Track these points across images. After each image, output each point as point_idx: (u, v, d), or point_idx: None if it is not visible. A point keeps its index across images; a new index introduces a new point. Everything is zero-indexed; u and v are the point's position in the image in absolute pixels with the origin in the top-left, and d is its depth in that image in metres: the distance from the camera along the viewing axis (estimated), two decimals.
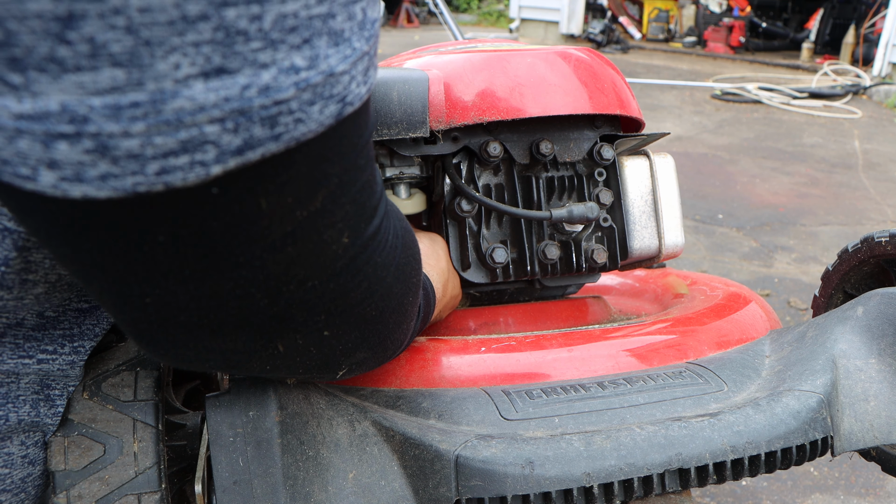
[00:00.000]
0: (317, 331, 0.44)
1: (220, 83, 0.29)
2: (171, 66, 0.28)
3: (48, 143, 0.28)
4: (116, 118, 0.28)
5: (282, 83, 0.31)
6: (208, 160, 0.31)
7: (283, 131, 0.32)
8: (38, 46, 0.27)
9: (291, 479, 0.53)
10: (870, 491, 1.83)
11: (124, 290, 0.37)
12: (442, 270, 0.73)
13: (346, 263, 0.41)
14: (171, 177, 0.30)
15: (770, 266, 3.14)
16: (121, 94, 0.28)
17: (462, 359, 0.64)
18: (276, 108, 0.31)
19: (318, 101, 0.33)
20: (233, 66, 0.29)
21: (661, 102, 6.29)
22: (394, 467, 0.55)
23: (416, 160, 0.80)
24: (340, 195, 0.38)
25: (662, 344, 0.68)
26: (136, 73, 0.28)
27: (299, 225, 0.37)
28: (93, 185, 0.30)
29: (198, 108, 0.29)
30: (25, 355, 0.52)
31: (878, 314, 0.62)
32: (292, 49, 0.31)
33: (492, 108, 0.73)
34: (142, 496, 0.56)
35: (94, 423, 0.57)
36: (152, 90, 0.28)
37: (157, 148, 0.29)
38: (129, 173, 0.30)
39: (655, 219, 0.82)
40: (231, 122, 0.30)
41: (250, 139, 0.31)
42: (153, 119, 0.28)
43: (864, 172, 4.56)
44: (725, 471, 0.53)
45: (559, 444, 0.52)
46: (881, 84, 6.81)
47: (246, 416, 0.54)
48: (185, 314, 0.39)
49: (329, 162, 0.36)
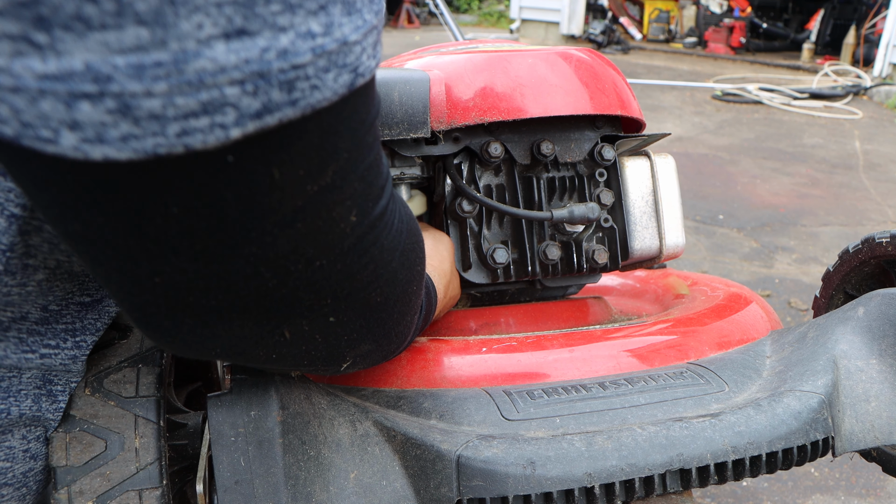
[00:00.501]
0: (322, 316, 0.44)
1: (240, 44, 0.30)
2: (194, 26, 0.28)
3: (70, 104, 0.28)
4: (139, 77, 0.28)
5: (299, 48, 0.31)
6: (228, 123, 0.31)
7: (300, 97, 0.32)
8: (64, 5, 0.27)
9: (293, 479, 0.54)
10: (870, 492, 1.83)
11: (134, 269, 0.37)
12: (444, 272, 0.73)
13: (353, 243, 0.42)
14: (192, 139, 0.30)
15: (771, 267, 3.14)
16: (144, 53, 0.28)
17: (463, 359, 0.64)
18: (294, 73, 0.32)
19: (333, 68, 0.33)
20: (253, 27, 0.30)
21: (661, 103, 6.29)
22: (395, 467, 0.55)
23: (418, 161, 0.80)
24: (349, 171, 0.39)
25: (663, 344, 0.68)
26: (159, 32, 0.28)
27: (309, 200, 0.37)
28: (114, 147, 0.30)
29: (219, 69, 0.29)
30: (28, 350, 0.52)
31: (879, 315, 0.62)
32: (309, 14, 0.32)
33: (493, 109, 0.73)
34: (143, 492, 0.57)
35: (95, 418, 0.57)
36: (175, 50, 0.28)
37: (178, 109, 0.29)
38: (150, 134, 0.30)
39: (656, 219, 0.82)
40: (251, 84, 0.30)
41: (269, 103, 0.31)
42: (175, 79, 0.29)
43: (864, 173, 4.56)
44: (726, 471, 0.54)
45: (560, 445, 0.52)
46: (882, 85, 6.81)
47: (247, 416, 0.54)
48: (194, 296, 0.39)
49: (339, 135, 0.37)
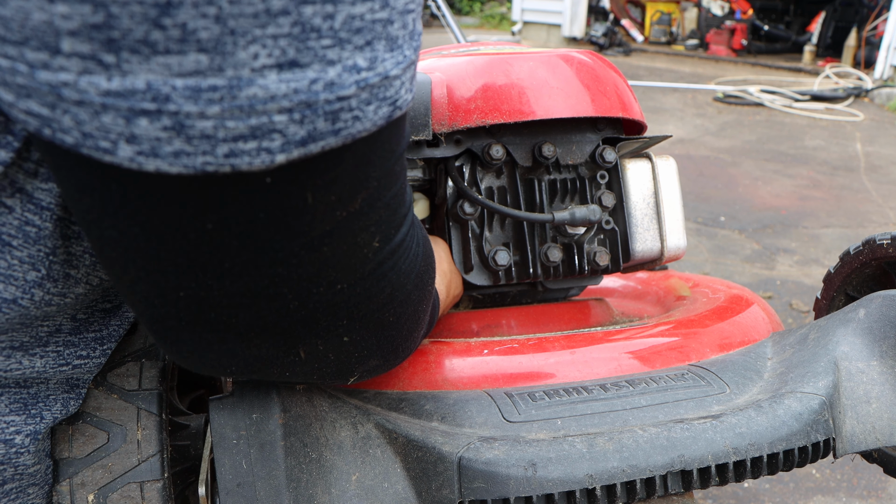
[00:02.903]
0: (337, 336, 0.46)
1: (291, 75, 0.31)
2: (250, 56, 0.30)
3: (130, 119, 0.30)
4: (195, 99, 0.30)
5: (345, 80, 0.33)
6: (274, 148, 0.32)
7: (343, 127, 0.34)
8: (134, 30, 0.28)
9: (295, 482, 0.54)
10: (872, 493, 1.83)
11: (161, 281, 0.38)
12: (444, 272, 0.73)
13: (373, 268, 0.43)
14: (239, 160, 0.32)
15: (772, 268, 3.14)
16: (202, 77, 0.30)
17: (465, 361, 0.64)
18: (339, 104, 0.33)
19: (374, 101, 0.35)
20: (304, 60, 0.31)
21: (663, 105, 6.29)
22: (397, 469, 0.55)
23: (419, 163, 0.80)
24: (377, 199, 0.40)
25: (665, 346, 0.68)
26: (218, 59, 0.30)
27: (338, 225, 0.38)
28: (166, 161, 0.31)
29: (269, 97, 0.31)
30: (64, 362, 0.53)
31: (880, 316, 0.62)
32: (356, 49, 0.33)
33: (494, 111, 0.73)
34: (144, 484, 0.57)
35: (98, 411, 0.58)
36: (230, 76, 0.30)
37: (229, 131, 0.31)
38: (201, 153, 0.31)
39: (657, 221, 0.82)
40: (298, 113, 0.32)
41: (314, 131, 0.33)
42: (228, 103, 0.30)
43: (865, 175, 4.56)
44: (727, 472, 0.54)
45: (562, 446, 0.52)
46: (883, 87, 6.80)
47: (249, 419, 0.54)
48: (216, 312, 0.40)
49: (372, 164, 0.38)
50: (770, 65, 8.38)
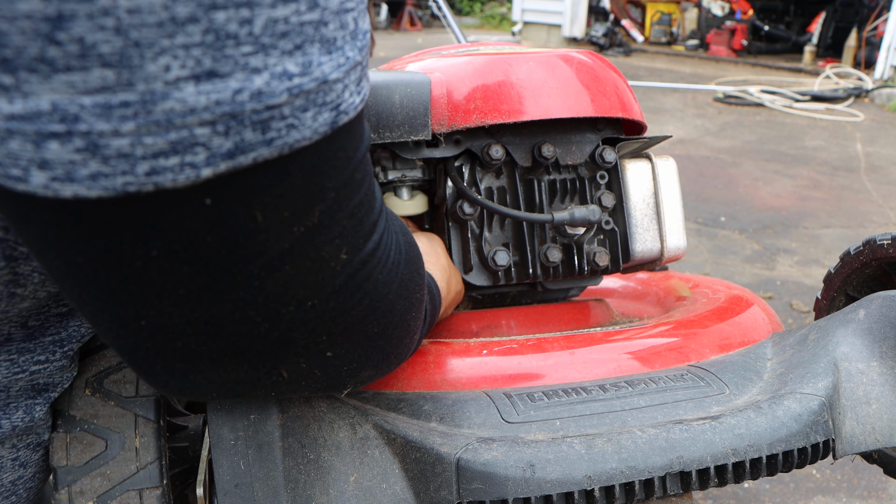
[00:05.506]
0: (319, 353, 0.44)
1: (211, 86, 0.29)
2: (160, 68, 0.28)
3: (39, 143, 0.28)
4: (107, 117, 0.28)
5: (275, 88, 0.31)
6: (198, 162, 0.30)
7: (276, 136, 0.32)
8: (28, 47, 0.27)
9: (293, 483, 0.54)
10: (872, 493, 1.83)
11: (118, 311, 0.36)
12: (443, 267, 0.73)
13: (344, 281, 0.41)
14: (161, 178, 0.30)
15: (772, 269, 3.13)
16: (111, 93, 0.28)
17: (464, 362, 0.64)
18: (268, 113, 0.31)
19: (312, 107, 0.33)
20: (224, 69, 0.29)
21: (663, 105, 6.29)
22: (395, 470, 0.55)
23: (418, 163, 0.80)
24: (337, 210, 0.38)
25: (664, 347, 0.68)
26: (125, 74, 0.28)
27: (297, 241, 0.36)
28: (83, 185, 0.30)
29: (188, 111, 0.29)
30: (20, 370, 0.51)
31: (880, 317, 0.62)
32: (284, 55, 0.31)
33: (494, 111, 0.73)
34: (143, 492, 0.57)
35: (96, 418, 0.58)
36: (142, 91, 0.28)
37: (147, 148, 0.29)
38: (120, 173, 0.30)
39: (657, 221, 0.82)
40: (222, 125, 0.30)
41: (241, 143, 0.31)
42: (143, 119, 0.29)
43: (866, 175, 4.56)
44: (727, 473, 0.53)
45: (560, 447, 0.52)
46: (883, 87, 6.80)
47: (247, 420, 0.54)
48: (183, 340, 0.38)
49: (325, 175, 0.36)
50: (770, 65, 8.38)
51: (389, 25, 11.72)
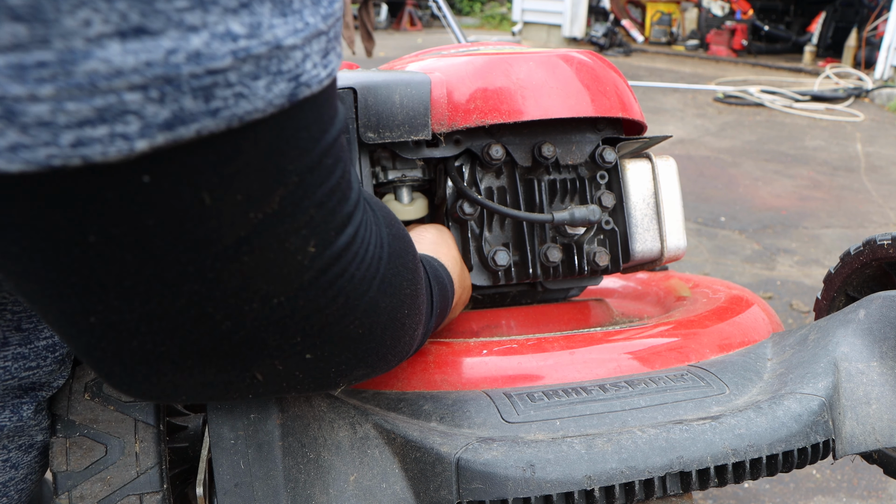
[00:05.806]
0: (297, 354, 0.40)
1: (140, 45, 0.26)
2: (80, 23, 0.25)
3: None
4: (21, 79, 0.25)
5: (216, 50, 0.28)
6: (131, 133, 0.27)
7: (221, 106, 0.28)
8: None
9: (292, 482, 0.54)
10: (872, 493, 1.83)
11: (65, 307, 0.33)
12: (455, 259, 0.70)
13: (314, 276, 0.37)
14: (89, 150, 0.27)
15: (772, 269, 3.13)
16: (24, 52, 0.25)
17: (464, 361, 0.64)
18: (211, 79, 0.28)
19: (264, 75, 0.29)
20: (154, 26, 0.26)
21: (663, 105, 6.29)
22: (395, 470, 0.55)
23: (418, 163, 0.80)
24: (303, 197, 0.34)
25: (664, 347, 0.68)
26: (40, 29, 0.25)
27: (255, 229, 0.33)
28: (3, 158, 0.26)
29: (114, 72, 0.26)
30: (10, 377, 0.51)
31: (880, 317, 0.62)
32: (227, 12, 0.28)
33: (494, 111, 0.73)
34: (143, 496, 0.57)
35: (95, 423, 0.57)
36: (60, 49, 0.25)
37: (71, 115, 0.26)
38: (42, 143, 0.26)
39: (657, 221, 0.82)
40: (155, 90, 0.27)
41: (181, 112, 0.27)
42: (63, 82, 0.25)
43: (866, 175, 4.56)
44: (727, 474, 0.53)
45: (560, 447, 0.52)
46: (883, 87, 6.80)
47: (247, 419, 0.54)
48: (138, 339, 0.35)
49: (285, 156, 0.33)
50: (770, 65, 8.38)
51: (389, 25, 11.73)
